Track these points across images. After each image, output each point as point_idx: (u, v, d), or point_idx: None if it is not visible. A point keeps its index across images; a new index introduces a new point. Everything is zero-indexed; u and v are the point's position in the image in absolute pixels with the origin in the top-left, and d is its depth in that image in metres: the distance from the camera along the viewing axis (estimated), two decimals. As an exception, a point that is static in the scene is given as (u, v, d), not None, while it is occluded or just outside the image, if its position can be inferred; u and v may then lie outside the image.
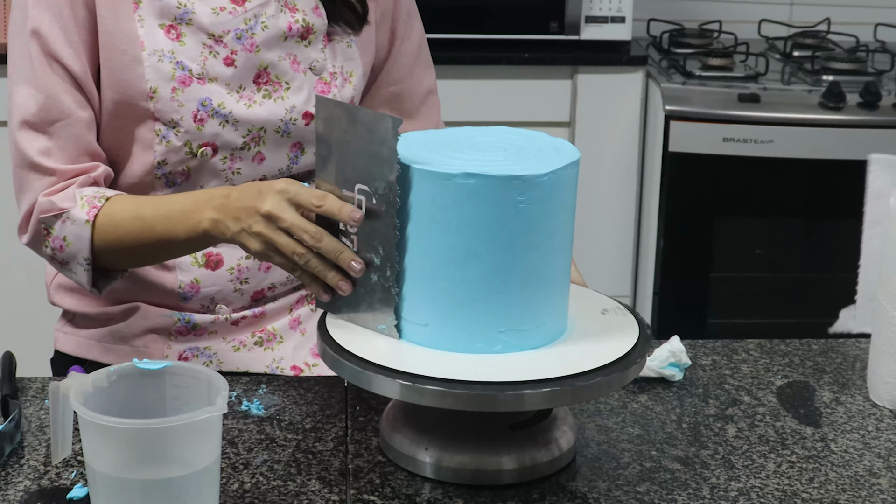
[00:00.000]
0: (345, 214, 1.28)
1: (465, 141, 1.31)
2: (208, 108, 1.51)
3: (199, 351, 1.60)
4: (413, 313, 1.27)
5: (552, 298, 1.27)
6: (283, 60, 1.56)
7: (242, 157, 1.55)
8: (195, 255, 1.57)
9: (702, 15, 3.42)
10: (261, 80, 1.55)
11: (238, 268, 1.59)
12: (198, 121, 1.51)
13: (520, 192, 1.21)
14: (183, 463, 1.12)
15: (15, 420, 1.33)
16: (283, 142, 1.57)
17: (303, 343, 1.65)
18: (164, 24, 1.50)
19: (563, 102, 3.07)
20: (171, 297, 1.59)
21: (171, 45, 1.50)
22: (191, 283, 1.58)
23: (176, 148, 1.52)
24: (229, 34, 1.52)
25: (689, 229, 3.05)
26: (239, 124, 1.53)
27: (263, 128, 1.55)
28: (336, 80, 1.60)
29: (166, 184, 1.54)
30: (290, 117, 1.56)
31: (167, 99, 1.50)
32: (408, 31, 1.70)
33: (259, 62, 1.54)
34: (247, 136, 1.54)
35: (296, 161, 1.59)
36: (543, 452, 1.28)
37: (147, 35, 1.49)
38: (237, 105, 1.53)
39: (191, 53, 1.51)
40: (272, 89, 1.56)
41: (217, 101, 1.52)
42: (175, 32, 1.51)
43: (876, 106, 2.94)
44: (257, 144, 1.55)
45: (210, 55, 1.52)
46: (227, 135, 1.53)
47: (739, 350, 1.59)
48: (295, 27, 1.56)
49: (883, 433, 1.40)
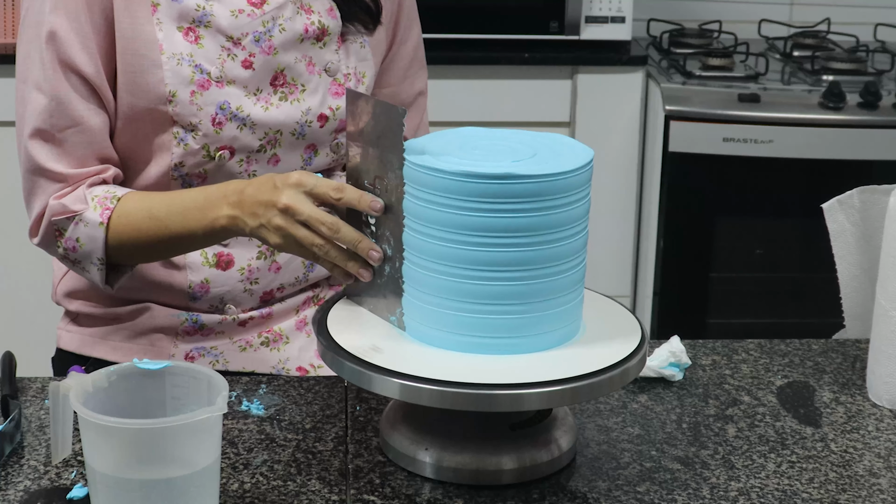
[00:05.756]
0: (364, 204, 1.29)
1: (478, 142, 1.30)
2: (227, 112, 1.51)
3: (205, 350, 1.60)
4: (424, 315, 1.27)
5: (566, 301, 1.27)
6: (299, 63, 1.56)
7: (258, 159, 1.55)
8: (206, 255, 1.57)
9: (702, 15, 3.42)
10: (277, 82, 1.55)
11: (248, 268, 1.59)
12: (216, 124, 1.51)
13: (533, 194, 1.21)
14: (183, 463, 1.12)
15: (15, 420, 1.33)
16: (297, 144, 1.58)
17: (308, 344, 1.65)
18: (183, 26, 1.50)
19: (563, 102, 3.07)
20: (180, 296, 1.59)
21: (190, 48, 1.50)
22: (201, 283, 1.58)
23: (194, 151, 1.52)
24: (248, 37, 1.52)
25: (689, 229, 3.05)
26: (256, 127, 1.53)
27: (280, 130, 1.55)
28: (350, 81, 1.60)
29: (182, 185, 1.54)
30: (306, 120, 1.56)
31: (186, 102, 1.49)
32: (406, 36, 1.71)
33: (276, 64, 1.54)
34: (263, 139, 1.54)
35: (309, 162, 1.60)
36: (543, 452, 1.28)
37: (166, 38, 1.49)
38: (254, 108, 1.53)
39: (209, 56, 1.51)
40: (288, 91, 1.56)
41: (235, 104, 1.52)
42: (193, 35, 1.50)
43: (876, 106, 2.94)
44: (273, 147, 1.56)
45: (228, 58, 1.51)
46: (244, 138, 1.53)
47: (739, 350, 1.59)
48: (311, 29, 1.56)
49: (883, 433, 1.40)
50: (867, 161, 2.94)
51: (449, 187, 1.21)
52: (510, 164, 1.23)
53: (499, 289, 1.23)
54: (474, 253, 1.22)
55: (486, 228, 1.21)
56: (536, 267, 1.23)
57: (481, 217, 1.21)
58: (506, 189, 1.20)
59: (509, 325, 1.24)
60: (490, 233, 1.21)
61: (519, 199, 1.20)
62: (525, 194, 1.20)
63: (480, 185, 1.20)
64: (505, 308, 1.24)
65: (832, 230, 1.61)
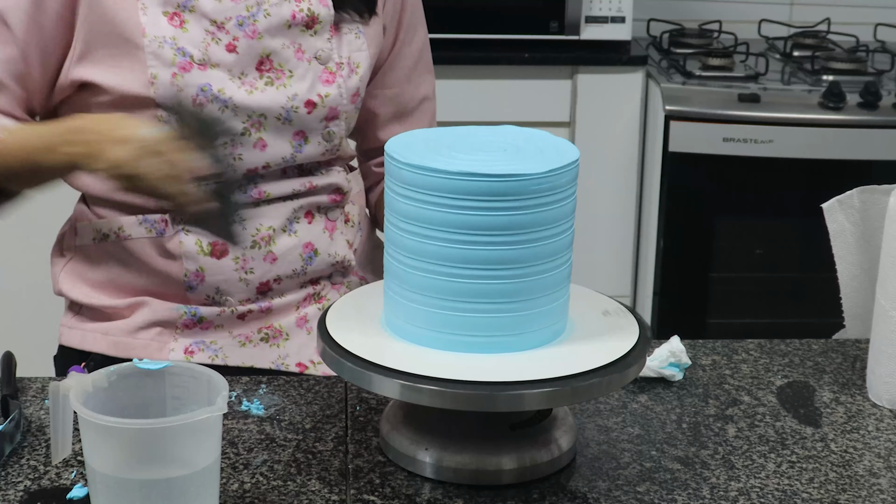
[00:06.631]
0: None
1: (466, 140, 1.31)
2: (208, 94, 1.53)
3: (205, 345, 1.61)
4: (412, 313, 1.27)
5: (553, 299, 1.27)
6: (286, 48, 1.57)
7: (243, 142, 1.57)
8: (200, 243, 1.58)
9: (702, 15, 3.42)
10: (263, 67, 1.56)
11: (243, 257, 1.60)
12: (197, 105, 1.52)
13: (518, 192, 1.21)
14: (183, 463, 1.12)
15: (15, 420, 1.33)
16: (284, 129, 1.58)
17: (308, 341, 1.66)
18: (168, 11, 1.52)
19: (563, 102, 3.07)
20: (177, 286, 1.60)
21: (174, 32, 1.52)
22: (196, 272, 1.59)
23: None
24: (231, 21, 1.54)
25: (689, 229, 3.05)
26: (238, 110, 1.55)
27: (264, 114, 1.56)
28: (342, 70, 1.61)
29: None
30: (292, 105, 1.57)
31: (167, 84, 1.51)
32: (410, 37, 1.72)
33: (261, 49, 1.56)
34: (247, 122, 1.56)
35: (299, 150, 1.60)
36: (543, 452, 1.28)
37: (149, 22, 1.51)
38: (238, 91, 1.54)
39: (193, 40, 1.53)
40: (275, 76, 1.57)
41: (217, 86, 1.53)
42: (178, 19, 1.52)
43: (876, 106, 2.94)
44: (258, 130, 1.57)
45: (213, 42, 1.53)
46: (226, 120, 1.54)
47: (739, 350, 1.59)
48: (299, 16, 1.57)
49: (883, 433, 1.40)
50: (867, 161, 2.94)
51: (434, 185, 1.21)
52: (496, 161, 1.23)
53: (484, 287, 1.23)
54: (459, 251, 1.22)
55: (471, 226, 1.21)
56: (522, 265, 1.23)
57: (466, 215, 1.21)
58: (490, 187, 1.20)
59: (494, 323, 1.24)
60: (475, 231, 1.21)
61: (503, 198, 1.20)
62: (509, 192, 1.20)
63: (466, 182, 1.20)
64: (490, 306, 1.24)
65: (832, 230, 1.61)
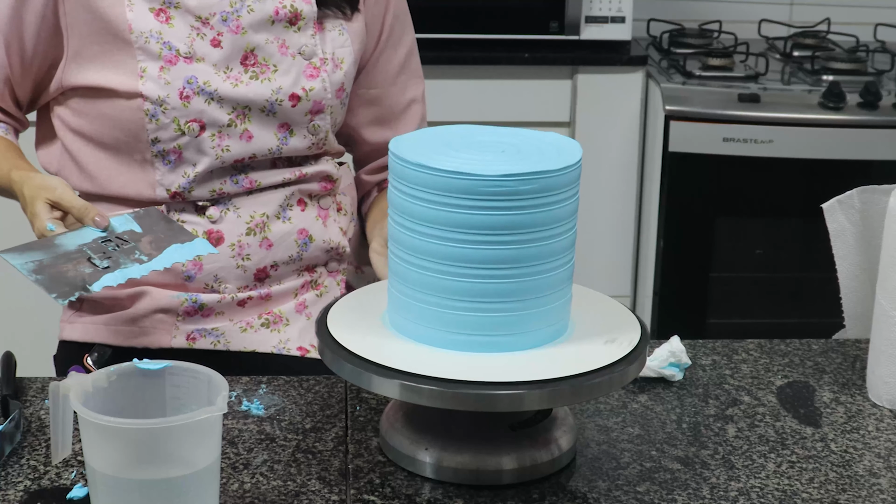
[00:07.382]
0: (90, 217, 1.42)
1: (469, 139, 1.31)
2: (194, 86, 1.57)
3: (206, 332, 1.63)
4: (413, 311, 1.27)
5: (554, 299, 1.27)
6: (270, 44, 1.62)
7: (230, 134, 1.60)
8: (196, 232, 1.60)
9: (702, 15, 3.42)
10: (248, 61, 1.61)
11: (239, 244, 1.63)
12: (183, 97, 1.57)
13: (519, 192, 1.21)
14: (183, 463, 1.12)
15: (15, 420, 1.33)
16: (269, 121, 1.62)
17: (308, 327, 1.69)
18: (154, 7, 1.57)
19: (563, 102, 3.07)
20: (175, 276, 1.62)
21: (160, 27, 1.57)
22: (193, 261, 1.60)
23: (165, 125, 1.57)
24: (215, 16, 1.59)
25: (689, 229, 3.05)
26: (224, 101, 1.59)
27: (248, 106, 1.60)
28: (326, 65, 1.65)
29: (162, 161, 1.59)
30: (276, 98, 1.61)
31: (154, 77, 1.56)
32: (395, 40, 1.75)
33: (245, 44, 1.60)
34: (232, 113, 1.60)
35: (285, 142, 1.64)
36: (543, 452, 1.28)
37: (136, 18, 1.56)
38: (223, 84, 1.59)
39: (179, 35, 1.57)
40: (259, 71, 1.61)
41: (203, 79, 1.58)
42: (164, 15, 1.57)
43: (876, 106, 2.94)
44: (244, 122, 1.61)
45: (198, 36, 1.58)
46: (212, 112, 1.58)
47: (739, 350, 1.59)
48: (282, 12, 1.62)
49: (883, 433, 1.40)
50: (867, 161, 2.94)
51: (436, 184, 1.21)
52: (498, 161, 1.23)
53: (485, 286, 1.23)
54: (460, 250, 1.22)
55: (472, 226, 1.21)
56: (523, 265, 1.23)
57: (468, 214, 1.21)
58: (493, 187, 1.20)
59: (495, 322, 1.24)
60: (476, 230, 1.21)
61: (506, 197, 1.20)
62: (512, 192, 1.20)
63: (468, 182, 1.20)
64: (491, 306, 1.24)
65: (832, 230, 1.61)
